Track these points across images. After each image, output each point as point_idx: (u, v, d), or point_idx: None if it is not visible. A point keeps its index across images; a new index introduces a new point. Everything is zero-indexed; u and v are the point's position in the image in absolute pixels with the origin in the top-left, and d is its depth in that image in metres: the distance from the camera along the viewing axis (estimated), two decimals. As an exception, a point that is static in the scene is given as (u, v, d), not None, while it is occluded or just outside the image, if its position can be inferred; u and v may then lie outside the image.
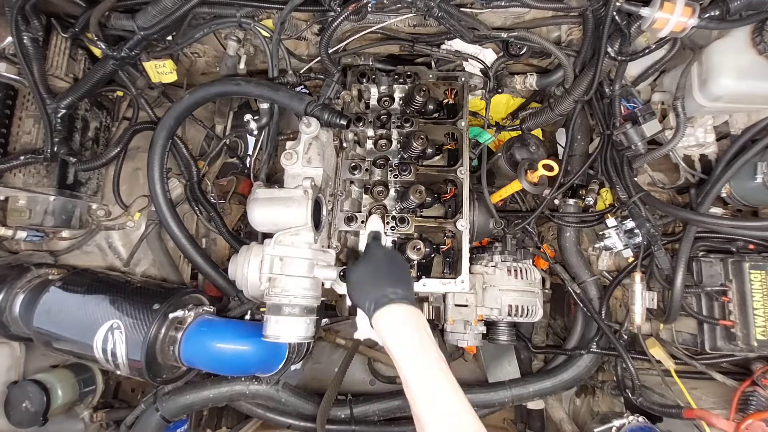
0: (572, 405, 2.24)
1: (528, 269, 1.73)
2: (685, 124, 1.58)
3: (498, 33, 1.60)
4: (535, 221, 1.96)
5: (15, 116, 1.64)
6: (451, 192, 1.66)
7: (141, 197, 1.95)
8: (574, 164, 1.93)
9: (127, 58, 1.63)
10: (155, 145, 1.61)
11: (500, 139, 2.22)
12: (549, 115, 1.85)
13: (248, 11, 1.60)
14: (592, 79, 1.60)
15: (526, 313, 1.66)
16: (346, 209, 1.60)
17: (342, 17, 1.50)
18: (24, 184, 1.65)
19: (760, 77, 1.41)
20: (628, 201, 1.73)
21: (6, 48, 1.55)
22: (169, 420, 1.76)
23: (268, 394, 1.79)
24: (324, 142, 1.52)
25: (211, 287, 1.83)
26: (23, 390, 1.64)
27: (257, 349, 1.53)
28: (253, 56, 1.89)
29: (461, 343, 1.65)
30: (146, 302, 1.53)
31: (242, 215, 2.23)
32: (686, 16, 1.31)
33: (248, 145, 2.44)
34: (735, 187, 1.63)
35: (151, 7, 1.49)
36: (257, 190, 1.43)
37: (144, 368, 1.46)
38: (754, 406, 1.54)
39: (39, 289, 1.61)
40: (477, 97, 1.92)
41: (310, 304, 1.39)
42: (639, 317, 1.71)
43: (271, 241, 1.39)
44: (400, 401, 1.89)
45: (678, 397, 1.71)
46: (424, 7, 1.51)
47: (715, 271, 1.66)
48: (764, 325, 1.55)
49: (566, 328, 2.30)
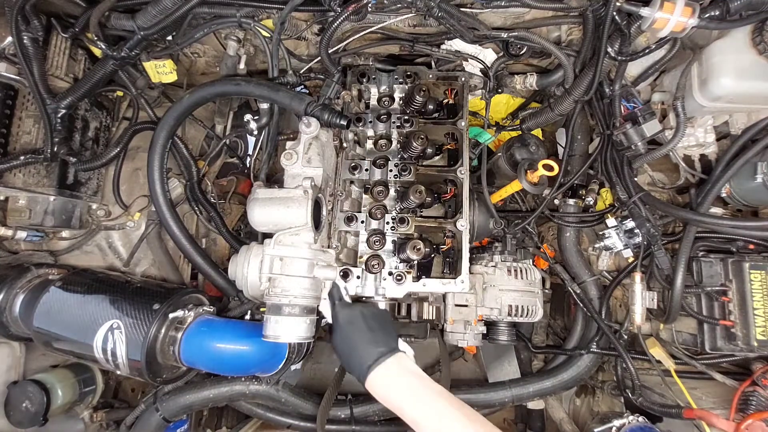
0: (572, 405, 2.24)
1: (528, 269, 1.73)
2: (685, 124, 1.58)
3: (498, 33, 1.60)
4: (535, 221, 1.96)
5: (15, 116, 1.64)
6: (451, 192, 1.66)
7: (141, 197, 1.95)
8: (574, 164, 1.93)
9: (127, 58, 1.63)
10: (155, 145, 1.61)
11: (500, 139, 2.22)
12: (549, 115, 1.84)
13: (248, 11, 1.60)
14: (592, 79, 1.60)
15: (526, 313, 1.66)
16: (346, 209, 1.60)
17: (342, 17, 1.50)
18: (24, 184, 1.65)
19: (760, 77, 1.41)
20: (628, 201, 1.73)
21: (6, 48, 1.55)
22: (169, 420, 1.76)
23: (268, 394, 1.79)
24: (324, 142, 1.52)
25: (211, 287, 1.83)
26: (23, 390, 1.64)
27: (257, 349, 1.53)
28: (253, 56, 1.89)
29: (461, 343, 1.65)
30: (146, 302, 1.53)
31: (242, 215, 2.23)
32: (686, 16, 1.31)
33: (248, 145, 2.44)
34: (735, 187, 1.63)
35: (151, 7, 1.50)
36: (257, 190, 1.43)
37: (144, 368, 1.46)
38: (754, 406, 1.54)
39: (39, 289, 1.61)
40: (477, 97, 1.92)
41: (310, 304, 1.39)
42: (639, 317, 1.71)
43: (271, 241, 1.39)
44: (400, 401, 1.88)
45: (678, 397, 1.71)
46: (424, 7, 1.51)
47: (715, 271, 1.66)
48: (764, 325, 1.55)
49: (566, 328, 2.30)
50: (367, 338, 1.24)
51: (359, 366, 1.20)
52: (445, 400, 1.09)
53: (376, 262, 1.50)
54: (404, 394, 1.13)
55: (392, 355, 1.19)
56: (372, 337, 1.25)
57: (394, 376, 1.17)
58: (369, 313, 1.32)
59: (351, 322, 1.30)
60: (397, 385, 1.15)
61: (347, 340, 1.27)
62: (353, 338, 1.26)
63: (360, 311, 1.32)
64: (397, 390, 1.15)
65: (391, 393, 1.15)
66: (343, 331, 1.29)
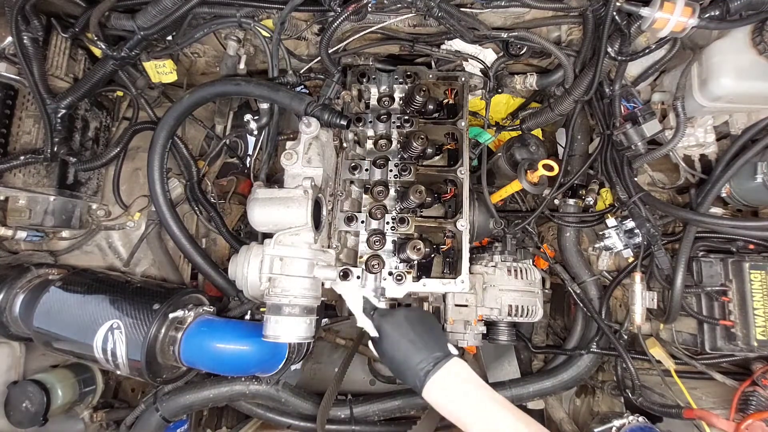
0: (572, 405, 2.24)
1: (528, 269, 1.73)
2: (685, 124, 1.58)
3: (498, 33, 1.60)
4: (535, 221, 1.96)
5: (15, 116, 1.64)
6: (451, 192, 1.66)
7: (141, 197, 1.95)
8: (574, 164, 1.93)
9: (127, 58, 1.63)
10: (155, 145, 1.61)
11: (500, 139, 2.22)
12: (549, 115, 1.84)
13: (248, 11, 1.60)
14: (592, 79, 1.60)
15: (526, 313, 1.66)
16: (346, 209, 1.60)
17: (342, 17, 1.50)
18: (24, 184, 1.65)
19: (760, 77, 1.41)
20: (628, 201, 1.73)
21: (6, 48, 1.55)
22: (169, 420, 1.76)
23: (268, 394, 1.79)
24: (324, 142, 1.52)
25: (211, 287, 1.83)
26: (23, 390, 1.64)
27: (257, 349, 1.53)
28: (253, 56, 1.89)
29: (461, 343, 1.65)
30: (146, 302, 1.53)
31: (242, 215, 2.23)
32: (686, 16, 1.30)
33: (248, 145, 2.44)
34: (735, 187, 1.63)
35: (151, 7, 1.49)
36: (257, 190, 1.43)
37: (144, 368, 1.46)
38: (754, 406, 1.54)
39: (39, 289, 1.61)
40: (477, 97, 1.92)
41: (310, 304, 1.39)
42: (639, 317, 1.71)
43: (271, 241, 1.39)
44: (400, 401, 1.88)
45: (678, 397, 1.71)
46: (424, 7, 1.51)
47: (715, 271, 1.66)
48: (764, 325, 1.55)
49: (566, 328, 2.30)
50: (419, 344, 1.17)
51: (415, 374, 1.13)
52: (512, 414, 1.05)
53: (376, 262, 1.50)
54: (467, 404, 1.08)
55: (448, 360, 1.13)
56: (423, 342, 1.17)
57: (454, 383, 1.11)
58: (413, 316, 1.24)
59: (397, 329, 1.21)
60: (458, 394, 1.09)
61: (397, 350, 1.18)
62: (403, 347, 1.18)
63: (404, 316, 1.24)
64: (460, 400, 1.09)
65: (452, 402, 1.09)
66: (391, 340, 1.21)
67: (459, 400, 1.09)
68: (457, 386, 1.11)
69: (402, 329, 1.21)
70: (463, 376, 1.13)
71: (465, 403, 1.08)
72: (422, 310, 1.31)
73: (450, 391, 1.11)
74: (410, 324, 1.21)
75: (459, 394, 1.10)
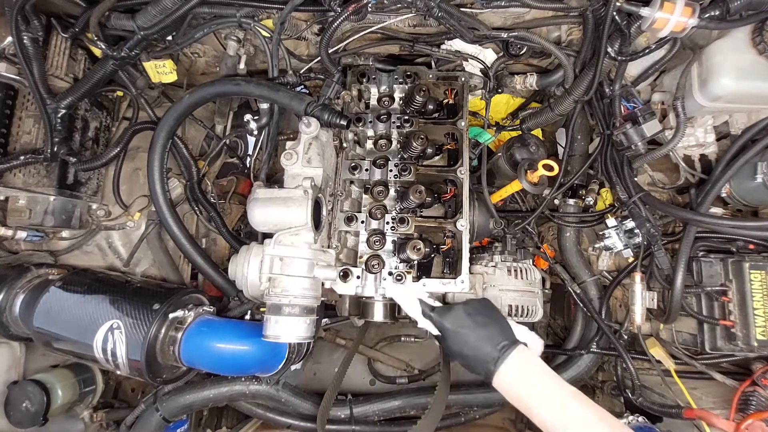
0: (572, 405, 2.24)
1: (528, 269, 1.73)
2: (685, 124, 1.58)
3: (498, 33, 1.60)
4: (535, 221, 1.96)
5: (15, 116, 1.64)
6: (451, 192, 1.66)
7: (141, 197, 1.95)
8: (574, 164, 1.93)
9: (127, 58, 1.63)
10: (155, 145, 1.61)
11: (500, 139, 2.22)
12: (549, 115, 1.84)
13: (248, 11, 1.60)
14: (592, 79, 1.60)
15: (526, 313, 1.66)
16: (346, 209, 1.60)
17: (342, 17, 1.50)
18: (24, 184, 1.65)
19: (760, 77, 1.41)
20: (628, 201, 1.73)
21: (6, 48, 1.55)
22: (169, 420, 1.76)
23: (268, 394, 1.79)
24: (324, 142, 1.52)
25: (211, 287, 1.83)
26: (23, 390, 1.64)
27: (257, 349, 1.53)
28: (253, 56, 1.89)
29: (461, 343, 1.65)
30: (146, 302, 1.53)
31: (242, 215, 2.23)
32: (686, 16, 1.30)
33: (248, 145, 2.44)
34: (735, 187, 1.63)
35: (151, 7, 1.49)
36: (257, 190, 1.43)
37: (144, 368, 1.46)
38: (754, 406, 1.54)
39: (39, 289, 1.61)
40: (477, 97, 1.92)
41: (310, 304, 1.39)
42: (639, 317, 1.71)
43: (271, 241, 1.39)
44: (400, 401, 1.89)
45: (678, 397, 1.71)
46: (424, 7, 1.51)
47: (715, 271, 1.66)
48: (764, 325, 1.55)
49: (566, 328, 2.30)
50: (483, 335, 1.17)
51: (484, 366, 1.13)
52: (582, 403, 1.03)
53: (376, 262, 1.50)
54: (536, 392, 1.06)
55: (515, 348, 1.12)
56: (487, 333, 1.17)
57: (522, 371, 1.10)
58: (472, 309, 1.24)
59: (460, 325, 1.21)
60: (527, 382, 1.09)
61: (463, 345, 1.18)
62: (469, 340, 1.17)
63: (463, 310, 1.24)
64: (529, 388, 1.08)
65: (521, 389, 1.08)
66: (454, 336, 1.20)
67: (528, 388, 1.08)
68: (525, 374, 1.11)
69: (464, 323, 1.21)
70: (531, 363, 1.12)
71: (533, 391, 1.07)
72: (481, 301, 1.30)
73: (519, 379, 1.10)
74: (470, 317, 1.21)
75: (527, 382, 1.09)
